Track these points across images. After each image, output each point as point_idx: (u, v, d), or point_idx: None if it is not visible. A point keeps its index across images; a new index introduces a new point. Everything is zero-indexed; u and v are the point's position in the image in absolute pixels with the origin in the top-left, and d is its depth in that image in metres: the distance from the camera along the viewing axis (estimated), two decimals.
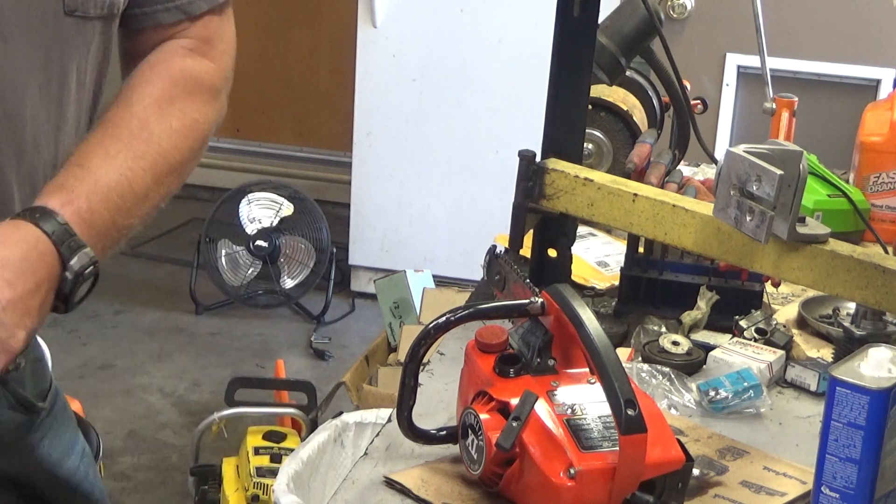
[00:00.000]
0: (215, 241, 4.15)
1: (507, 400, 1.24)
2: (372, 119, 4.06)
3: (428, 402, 1.49)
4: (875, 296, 1.34)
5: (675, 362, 1.66)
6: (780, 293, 1.94)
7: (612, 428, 1.21)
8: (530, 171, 1.58)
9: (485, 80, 3.93)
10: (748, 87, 3.88)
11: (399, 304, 3.41)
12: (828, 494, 1.23)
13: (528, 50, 3.78)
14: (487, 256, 1.46)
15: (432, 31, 3.92)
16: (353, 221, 4.20)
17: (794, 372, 1.68)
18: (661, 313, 1.81)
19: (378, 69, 3.99)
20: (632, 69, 2.25)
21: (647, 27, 1.92)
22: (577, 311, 1.22)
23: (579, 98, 1.65)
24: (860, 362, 1.24)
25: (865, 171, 2.32)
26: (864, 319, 1.65)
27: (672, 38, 2.10)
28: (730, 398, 1.57)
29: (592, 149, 2.23)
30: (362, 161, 4.11)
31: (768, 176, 1.30)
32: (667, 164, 2.11)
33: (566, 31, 1.60)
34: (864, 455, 1.20)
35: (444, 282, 3.67)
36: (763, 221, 1.32)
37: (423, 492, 1.31)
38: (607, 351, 1.19)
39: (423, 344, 1.31)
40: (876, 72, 3.75)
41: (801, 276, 1.38)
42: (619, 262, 1.90)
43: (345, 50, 4.20)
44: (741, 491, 1.36)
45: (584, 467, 1.19)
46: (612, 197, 1.52)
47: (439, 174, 4.05)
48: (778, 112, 2.40)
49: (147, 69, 1.28)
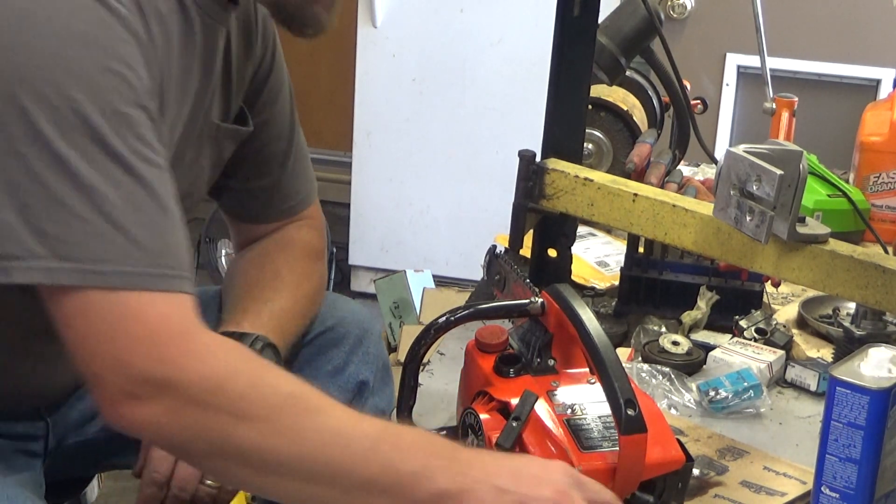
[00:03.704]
0: (215, 241, 4.15)
1: (507, 400, 1.24)
2: (372, 119, 4.05)
3: (428, 402, 1.49)
4: (875, 296, 1.34)
5: (675, 362, 1.66)
6: (780, 293, 1.94)
7: (612, 428, 1.21)
8: (530, 171, 1.58)
9: (485, 80, 3.93)
10: (748, 87, 3.88)
11: (399, 304, 3.41)
12: (828, 494, 1.23)
13: (528, 50, 3.78)
14: (487, 256, 1.46)
15: (432, 31, 3.91)
16: (353, 221, 4.20)
17: (794, 372, 1.68)
18: (661, 313, 1.81)
19: (378, 69, 3.99)
20: (632, 69, 2.25)
21: (647, 27, 1.92)
22: (577, 311, 1.22)
23: (579, 98, 1.65)
24: (860, 362, 1.24)
25: (865, 171, 2.32)
26: (864, 319, 1.66)
27: (672, 38, 2.10)
28: (730, 398, 1.57)
29: (592, 149, 2.23)
30: (362, 161, 4.10)
31: (768, 176, 1.30)
32: (667, 164, 2.11)
33: (566, 31, 1.60)
34: (864, 455, 1.21)
35: (444, 282, 3.66)
36: (763, 221, 1.32)
37: None
38: (607, 351, 1.18)
39: (423, 344, 1.31)
40: (876, 72, 3.75)
41: (801, 276, 1.38)
42: (619, 262, 1.90)
43: (345, 50, 4.20)
44: (741, 491, 1.37)
45: (584, 467, 1.19)
46: (612, 197, 1.52)
47: (439, 174, 4.04)
48: (778, 112, 2.40)
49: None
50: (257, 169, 1.54)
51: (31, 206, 1.07)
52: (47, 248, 1.07)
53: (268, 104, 1.52)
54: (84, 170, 1.07)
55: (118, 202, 1.09)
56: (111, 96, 1.09)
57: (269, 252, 1.55)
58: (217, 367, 1.09)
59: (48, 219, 1.07)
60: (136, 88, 1.12)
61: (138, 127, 1.11)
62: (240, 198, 1.55)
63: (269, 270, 1.52)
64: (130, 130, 1.10)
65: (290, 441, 1.09)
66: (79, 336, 1.09)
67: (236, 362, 1.11)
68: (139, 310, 1.08)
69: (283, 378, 1.13)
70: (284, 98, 1.54)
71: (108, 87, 1.09)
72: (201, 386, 1.08)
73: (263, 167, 1.54)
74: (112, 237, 1.08)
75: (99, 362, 1.08)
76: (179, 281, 1.12)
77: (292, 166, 1.57)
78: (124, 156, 1.09)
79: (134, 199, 1.10)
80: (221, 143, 1.45)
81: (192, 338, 1.10)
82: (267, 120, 1.52)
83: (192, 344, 1.09)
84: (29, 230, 1.07)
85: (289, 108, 1.56)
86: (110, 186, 1.08)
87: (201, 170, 1.42)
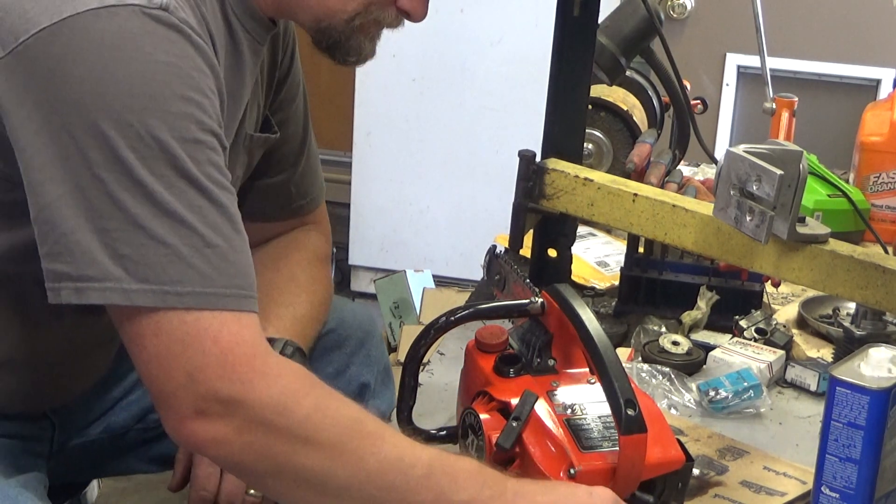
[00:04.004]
0: None
1: (507, 400, 1.24)
2: (372, 119, 4.05)
3: (428, 402, 1.49)
4: (875, 296, 1.34)
5: (675, 362, 1.66)
6: (780, 293, 1.94)
7: (612, 428, 1.21)
8: (530, 171, 1.58)
9: (485, 80, 3.93)
10: (748, 87, 3.88)
11: (399, 304, 3.40)
12: (828, 494, 1.23)
13: (528, 50, 3.77)
14: (487, 256, 1.46)
15: (432, 31, 3.91)
16: (353, 221, 4.19)
17: (794, 372, 1.68)
18: (661, 313, 1.81)
19: (378, 69, 3.98)
20: (632, 69, 2.25)
21: (647, 27, 1.92)
22: (577, 311, 1.22)
23: (579, 98, 1.65)
24: (860, 362, 1.24)
25: (865, 171, 2.32)
26: (864, 319, 1.66)
27: (672, 38, 2.10)
28: (730, 398, 1.57)
29: (592, 149, 2.23)
30: (362, 161, 4.10)
31: (768, 176, 1.30)
32: (667, 164, 2.11)
33: (566, 31, 1.60)
34: (864, 455, 1.21)
35: (444, 282, 3.66)
36: (763, 221, 1.32)
37: None
38: (607, 351, 1.18)
39: (423, 344, 1.31)
40: (876, 72, 3.74)
41: (801, 276, 1.38)
42: (619, 262, 1.90)
43: None
44: (741, 491, 1.37)
45: (584, 467, 1.19)
46: (612, 197, 1.52)
47: (439, 174, 4.04)
48: (778, 112, 2.40)
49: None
50: (271, 167, 1.55)
51: (110, 229, 1.09)
52: (124, 270, 1.09)
53: (285, 104, 1.53)
54: (162, 194, 1.10)
55: (196, 225, 1.11)
56: (189, 124, 1.12)
57: (281, 254, 1.56)
58: (285, 388, 1.11)
59: (126, 242, 1.09)
60: (211, 116, 1.14)
61: (212, 153, 1.14)
62: (251, 196, 1.56)
63: (284, 273, 1.53)
64: (205, 156, 1.13)
65: (352, 466, 1.12)
66: (151, 355, 1.11)
67: (303, 385, 1.13)
68: (213, 329, 1.10)
69: (346, 403, 1.15)
70: (300, 98, 1.56)
71: (186, 116, 1.12)
72: (269, 406, 1.10)
73: (277, 165, 1.55)
74: (189, 259, 1.10)
75: (170, 380, 1.10)
76: (249, 301, 1.14)
77: (304, 165, 1.58)
78: (200, 181, 1.12)
79: (210, 221, 1.12)
80: (253, 151, 1.47)
81: (263, 359, 1.12)
82: (284, 119, 1.53)
83: (263, 365, 1.11)
84: (107, 253, 1.09)
85: (303, 108, 1.58)
86: (187, 210, 1.11)
87: (237, 179, 1.45)
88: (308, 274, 1.55)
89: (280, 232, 1.59)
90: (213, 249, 1.12)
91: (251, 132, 1.44)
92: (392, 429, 1.17)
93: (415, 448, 1.14)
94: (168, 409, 1.12)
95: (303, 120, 1.57)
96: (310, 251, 1.58)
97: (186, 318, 1.10)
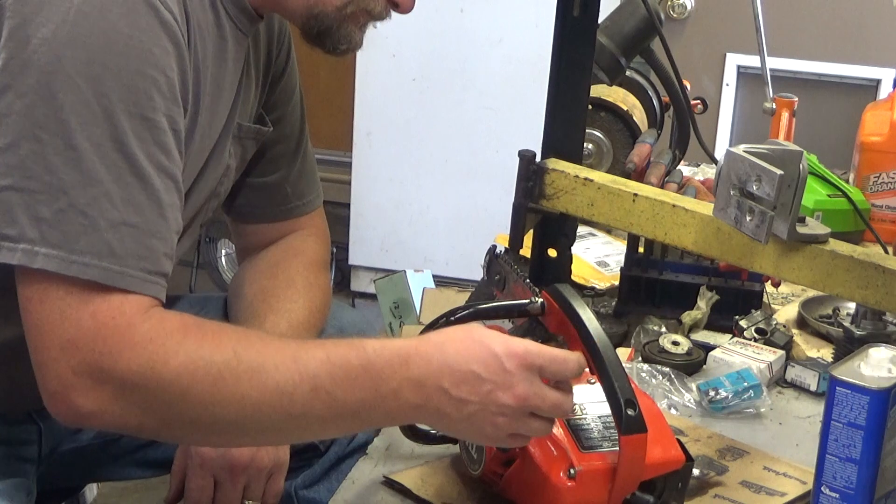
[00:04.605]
0: (215, 240, 4.15)
1: None
2: (372, 119, 4.05)
3: None
4: (875, 296, 1.34)
5: (675, 362, 1.66)
6: (780, 293, 1.94)
7: (612, 428, 1.21)
8: (530, 171, 1.58)
9: (485, 80, 3.93)
10: (748, 87, 3.88)
11: (399, 304, 3.39)
12: (828, 494, 1.23)
13: (528, 50, 3.78)
14: (487, 256, 1.46)
15: (432, 31, 3.91)
16: (353, 221, 4.19)
17: (794, 372, 1.68)
18: (661, 313, 1.81)
19: (378, 69, 3.99)
20: (632, 69, 2.25)
21: (647, 27, 1.92)
22: (577, 311, 1.22)
23: (579, 98, 1.65)
24: (860, 362, 1.24)
25: (865, 171, 2.32)
26: (864, 319, 1.65)
27: (672, 38, 2.10)
28: (730, 398, 1.57)
29: (592, 149, 2.23)
30: (362, 161, 4.10)
31: (768, 176, 1.30)
32: (667, 164, 2.10)
33: (566, 31, 1.60)
34: (864, 455, 1.20)
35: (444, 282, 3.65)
36: (763, 221, 1.32)
37: (423, 492, 1.31)
38: (607, 351, 1.18)
39: None
40: (876, 72, 3.75)
41: (801, 276, 1.38)
42: (619, 262, 1.90)
43: None
44: (741, 491, 1.36)
45: (584, 467, 1.19)
46: (612, 197, 1.52)
47: (439, 174, 4.04)
48: (778, 112, 2.40)
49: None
50: (266, 166, 1.55)
51: (35, 191, 1.09)
52: (39, 233, 1.09)
53: (280, 103, 1.53)
54: (94, 163, 1.09)
55: (118, 201, 1.10)
56: (140, 99, 1.12)
57: (279, 260, 1.57)
58: (154, 353, 1.10)
59: (47, 205, 1.09)
60: (167, 97, 1.14)
61: (161, 135, 1.14)
62: (246, 193, 1.56)
63: (282, 279, 1.53)
64: (151, 136, 1.12)
65: (235, 406, 1.12)
66: (33, 323, 1.11)
67: (173, 344, 1.12)
68: (95, 303, 1.10)
69: (220, 344, 1.14)
70: (296, 98, 1.57)
71: (139, 90, 1.11)
72: (138, 373, 1.10)
73: (272, 164, 1.55)
74: (104, 233, 1.10)
75: (45, 349, 1.10)
76: (152, 286, 1.13)
77: (300, 166, 1.58)
78: (136, 158, 1.11)
79: (135, 200, 1.11)
80: (244, 143, 1.47)
81: (135, 329, 1.11)
82: (279, 118, 1.53)
83: (133, 335, 1.11)
84: (27, 214, 1.09)
85: (300, 108, 1.58)
86: (114, 184, 1.10)
87: (228, 170, 1.45)
88: (306, 280, 1.55)
89: (277, 235, 1.59)
90: (131, 228, 1.11)
91: (241, 122, 1.44)
92: (277, 347, 1.15)
93: (298, 364, 1.13)
94: (43, 381, 1.11)
95: (299, 123, 1.58)
96: (307, 257, 1.58)
97: (74, 287, 1.10)
